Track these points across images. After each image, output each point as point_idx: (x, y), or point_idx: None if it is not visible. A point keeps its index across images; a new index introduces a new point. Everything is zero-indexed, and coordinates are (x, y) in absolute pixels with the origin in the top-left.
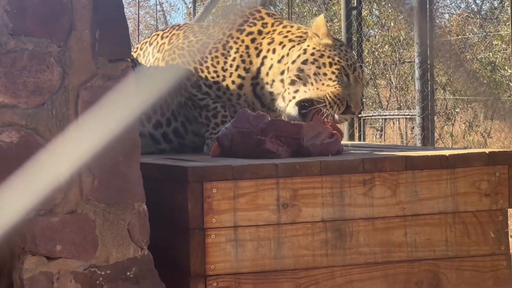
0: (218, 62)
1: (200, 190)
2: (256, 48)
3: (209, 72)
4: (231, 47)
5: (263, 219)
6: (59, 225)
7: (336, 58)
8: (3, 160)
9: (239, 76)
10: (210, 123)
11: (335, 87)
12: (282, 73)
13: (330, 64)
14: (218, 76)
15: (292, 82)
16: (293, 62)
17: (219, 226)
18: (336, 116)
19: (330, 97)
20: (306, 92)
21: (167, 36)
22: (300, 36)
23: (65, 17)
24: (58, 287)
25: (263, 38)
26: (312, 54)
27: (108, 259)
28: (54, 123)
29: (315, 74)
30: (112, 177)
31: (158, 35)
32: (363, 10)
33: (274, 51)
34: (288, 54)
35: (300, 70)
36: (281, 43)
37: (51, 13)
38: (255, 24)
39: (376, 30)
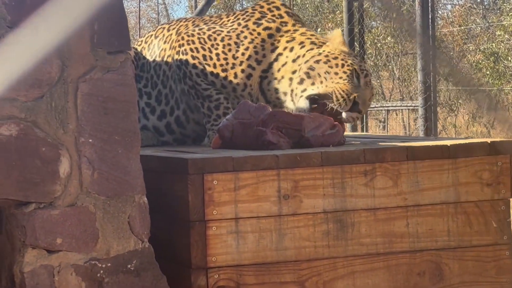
0: (230, 50)
1: (200, 182)
2: (272, 44)
3: (218, 59)
4: (245, 37)
5: (264, 210)
6: (59, 218)
7: (349, 61)
8: (2, 153)
9: (249, 66)
10: (212, 115)
11: (344, 84)
12: (294, 72)
13: (342, 65)
14: (227, 63)
15: (301, 81)
16: (306, 61)
17: (220, 218)
18: (344, 115)
19: (338, 91)
20: (313, 90)
21: (174, 28)
22: (323, 43)
23: None
24: (59, 280)
25: (281, 36)
26: (326, 55)
27: (109, 252)
28: (53, 115)
29: (326, 72)
30: (112, 169)
31: (164, 28)
32: (364, 1)
33: (291, 49)
34: (304, 55)
35: (311, 68)
36: (301, 43)
37: None
38: (274, 21)
39: (378, 22)
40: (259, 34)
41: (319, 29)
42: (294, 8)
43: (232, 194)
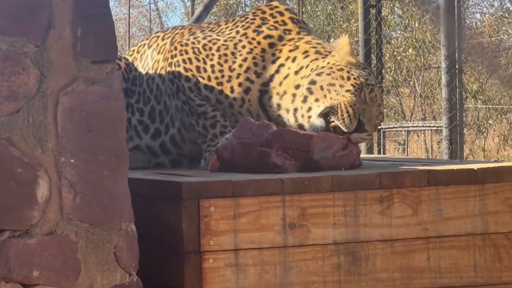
0: (226, 61)
1: (196, 209)
2: (273, 55)
3: (213, 71)
4: (243, 46)
5: (267, 241)
6: (37, 248)
7: (355, 74)
8: None
9: (247, 79)
10: (208, 134)
11: (350, 97)
12: (297, 87)
13: (348, 78)
14: (223, 76)
15: (305, 99)
16: (308, 75)
17: (217, 249)
18: (352, 137)
19: (344, 105)
20: (319, 107)
21: (169, 37)
22: (329, 52)
23: (43, 13)
24: None
25: (283, 45)
26: (330, 67)
27: (92, 286)
28: (30, 132)
29: (329, 84)
30: (96, 193)
31: (158, 36)
32: (383, 8)
33: (294, 59)
34: (307, 66)
35: (312, 82)
36: (305, 52)
37: (27, 8)
38: (276, 28)
39: (398, 32)
40: (259, 43)
41: (332, 40)
42: (304, 16)
43: (232, 223)
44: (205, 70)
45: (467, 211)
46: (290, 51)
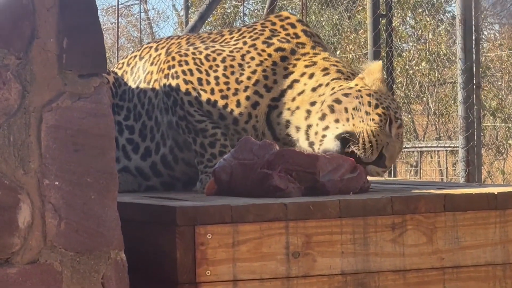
0: (232, 73)
1: (191, 236)
2: (285, 69)
3: (217, 83)
4: (253, 58)
5: (269, 271)
6: (18, 278)
7: (385, 104)
8: None
9: (256, 92)
10: (206, 153)
11: (375, 127)
12: (313, 104)
13: (376, 106)
14: (229, 89)
15: (323, 116)
16: (332, 93)
17: (215, 280)
18: (368, 168)
19: (367, 134)
20: (338, 128)
21: (163, 47)
22: (352, 74)
23: (25, 22)
24: None
25: (297, 60)
26: (359, 90)
27: None
28: (11, 152)
29: (355, 109)
30: (83, 219)
31: (151, 47)
32: (394, 18)
33: (311, 76)
34: (328, 84)
35: (338, 101)
36: (325, 69)
37: (8, 17)
38: (288, 41)
39: (411, 44)
40: (269, 55)
41: (338, 52)
42: None
43: (230, 251)
44: (208, 83)
45: (486, 239)
46: (307, 66)
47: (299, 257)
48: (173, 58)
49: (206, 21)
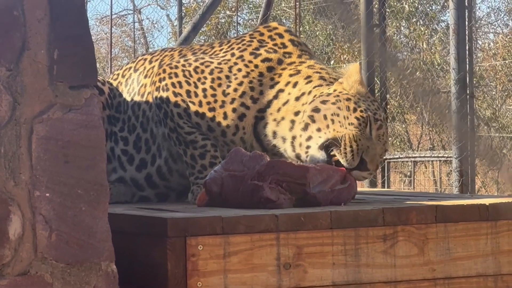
0: (219, 85)
1: (182, 247)
2: (272, 79)
3: (205, 96)
4: (239, 70)
5: (260, 282)
6: None
7: (363, 107)
8: None
9: (242, 104)
10: (196, 165)
11: (355, 131)
12: (297, 113)
13: (354, 110)
14: (216, 101)
15: (306, 127)
16: (311, 101)
17: None
18: (353, 173)
19: (347, 138)
20: (321, 137)
21: (157, 59)
22: (335, 79)
23: (16, 33)
24: None
25: (283, 69)
26: (337, 96)
27: None
28: (2, 163)
29: (334, 114)
30: (73, 231)
31: (145, 59)
32: (388, 28)
33: (295, 84)
34: (310, 92)
35: (316, 109)
36: (308, 77)
37: None
38: (275, 51)
39: (405, 53)
40: (256, 66)
41: (332, 62)
42: (302, 36)
43: (221, 262)
44: (196, 95)
45: (478, 250)
46: (291, 75)
47: (290, 268)
48: (164, 71)
49: (200, 31)
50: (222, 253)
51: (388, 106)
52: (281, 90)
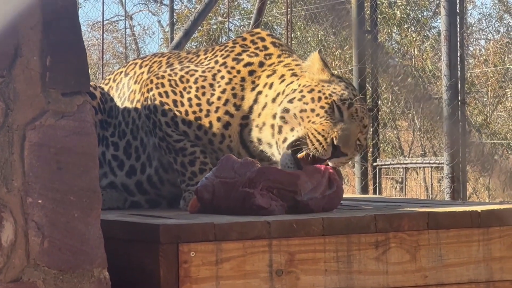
0: (204, 94)
1: (175, 254)
2: (253, 82)
3: (190, 105)
4: (222, 77)
5: None
6: None
7: (328, 92)
8: None
9: (226, 112)
10: (187, 172)
11: (320, 123)
12: (274, 117)
13: (319, 99)
14: (201, 110)
15: (280, 130)
16: (280, 103)
17: None
18: (332, 163)
19: (312, 134)
20: (293, 136)
21: (147, 65)
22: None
23: (9, 40)
24: None
25: (263, 71)
26: (300, 91)
27: None
28: None
29: (301, 111)
30: (66, 237)
31: (136, 64)
32: (379, 34)
33: (271, 85)
34: (283, 92)
35: (285, 110)
36: (282, 76)
37: None
38: (256, 55)
39: (397, 59)
40: (238, 72)
41: None
42: (293, 42)
43: (213, 269)
44: (182, 104)
45: (470, 257)
46: (268, 76)
47: (282, 275)
48: (151, 81)
49: (192, 37)
50: (215, 260)
51: (379, 113)
52: (260, 93)
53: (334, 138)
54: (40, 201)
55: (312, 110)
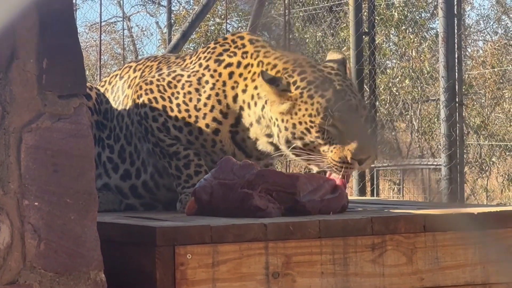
0: (190, 99)
1: (171, 256)
2: (232, 88)
3: (179, 111)
4: (206, 82)
5: None
6: None
7: (308, 120)
8: None
9: (214, 119)
10: (182, 175)
11: (330, 150)
12: (268, 135)
13: (309, 130)
14: (190, 116)
15: (296, 157)
16: (268, 127)
17: None
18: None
19: (334, 165)
20: (316, 169)
21: (140, 69)
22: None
23: (5, 42)
24: None
25: (240, 75)
26: (286, 128)
27: None
28: None
29: (305, 145)
30: (62, 240)
31: (130, 67)
32: (377, 36)
33: (249, 106)
34: (264, 117)
35: (292, 146)
36: (252, 97)
37: None
38: (235, 54)
39: (394, 61)
40: (220, 75)
41: None
42: (291, 43)
43: (210, 271)
44: (172, 110)
45: (466, 260)
46: (245, 79)
47: (278, 277)
48: (140, 87)
49: (190, 39)
50: (211, 262)
51: (377, 114)
52: (242, 108)
53: (349, 157)
54: (36, 203)
55: (312, 142)
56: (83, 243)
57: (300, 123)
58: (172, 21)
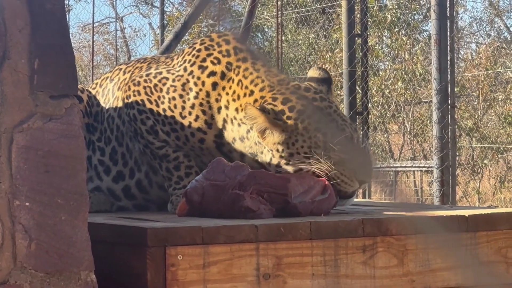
0: (175, 106)
1: (162, 257)
2: (217, 100)
3: (166, 117)
4: (190, 89)
5: None
6: None
7: (302, 145)
8: None
9: (199, 129)
10: (173, 177)
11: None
12: (257, 154)
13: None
14: (176, 122)
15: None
16: (257, 145)
17: None
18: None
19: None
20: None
21: (130, 71)
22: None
23: None
24: None
25: (223, 88)
26: (279, 162)
27: None
28: None
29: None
30: (53, 240)
31: (120, 69)
32: (369, 37)
33: (232, 122)
34: (248, 139)
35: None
36: (235, 118)
37: None
38: (219, 62)
39: (387, 63)
40: (203, 84)
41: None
42: (284, 45)
43: (201, 272)
44: (159, 114)
45: (457, 262)
46: (227, 94)
47: (269, 278)
48: (129, 88)
49: (183, 40)
50: (202, 263)
51: (369, 116)
52: (226, 122)
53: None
54: (27, 203)
55: (308, 170)
56: (74, 244)
57: (298, 153)
58: (165, 22)
